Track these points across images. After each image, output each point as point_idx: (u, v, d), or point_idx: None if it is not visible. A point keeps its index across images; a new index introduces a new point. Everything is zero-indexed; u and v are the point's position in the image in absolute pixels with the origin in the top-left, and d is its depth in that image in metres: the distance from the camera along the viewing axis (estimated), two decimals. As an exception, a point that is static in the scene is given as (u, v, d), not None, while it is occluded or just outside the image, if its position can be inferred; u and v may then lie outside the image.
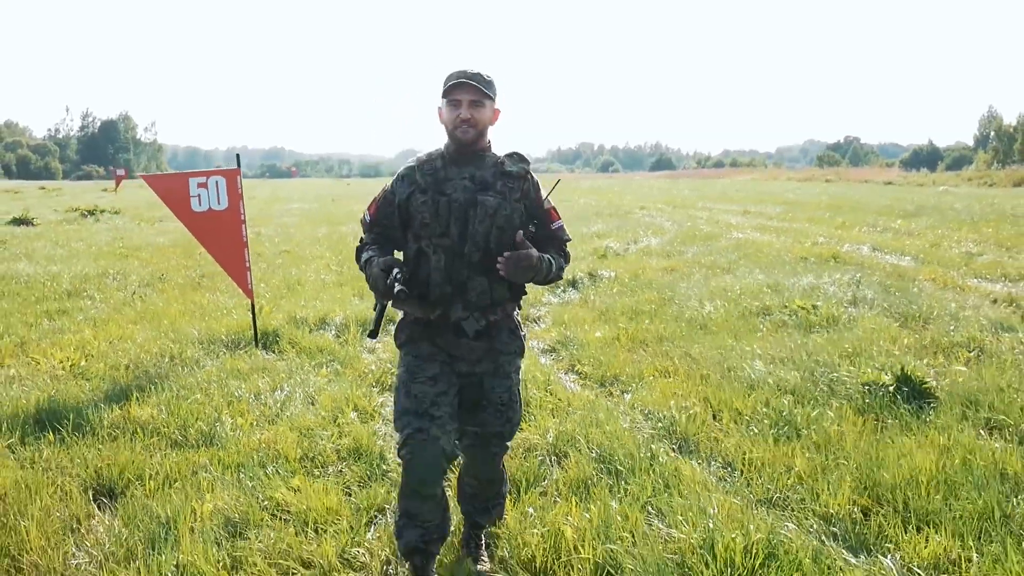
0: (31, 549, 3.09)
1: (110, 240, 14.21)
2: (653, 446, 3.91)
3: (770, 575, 2.70)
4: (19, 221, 17.90)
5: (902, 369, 4.53)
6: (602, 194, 32.17)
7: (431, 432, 2.63)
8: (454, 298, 2.70)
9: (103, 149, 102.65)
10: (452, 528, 3.00)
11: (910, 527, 3.04)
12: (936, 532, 2.96)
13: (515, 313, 2.86)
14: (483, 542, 3.06)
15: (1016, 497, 3.22)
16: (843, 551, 2.91)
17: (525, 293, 2.86)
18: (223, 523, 3.27)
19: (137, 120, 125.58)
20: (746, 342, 5.87)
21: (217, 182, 5.96)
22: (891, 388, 4.41)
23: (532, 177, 2.78)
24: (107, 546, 3.12)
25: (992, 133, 71.57)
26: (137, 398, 4.78)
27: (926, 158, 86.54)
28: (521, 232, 2.62)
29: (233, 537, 3.18)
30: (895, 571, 2.74)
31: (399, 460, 2.73)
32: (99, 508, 3.50)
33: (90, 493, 3.62)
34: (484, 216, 2.66)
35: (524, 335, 2.90)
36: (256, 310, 6.45)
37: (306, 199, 30.79)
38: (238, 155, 6.22)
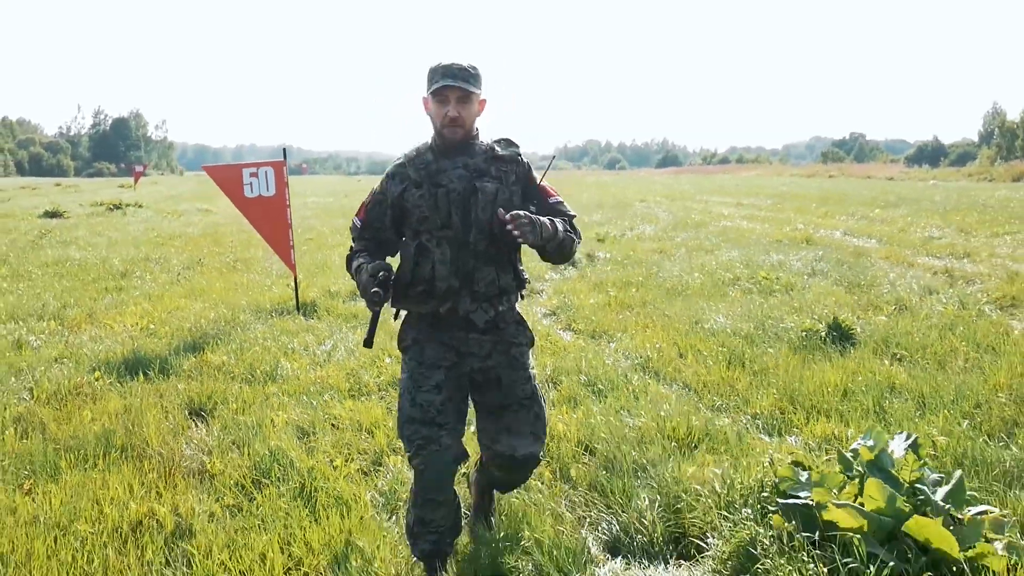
0: (153, 445, 4.13)
1: (143, 231, 15.18)
2: (629, 374, 4.94)
3: (703, 446, 3.73)
4: (51, 214, 18.69)
5: (834, 318, 5.55)
6: (605, 188, 33.17)
7: (442, 441, 2.61)
8: (462, 290, 2.67)
9: (114, 147, 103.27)
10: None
11: (812, 419, 4.07)
12: (828, 420, 4.00)
13: (517, 304, 2.86)
14: (493, 506, 3.17)
15: (895, 400, 4.26)
16: (760, 434, 3.95)
17: (528, 282, 2.86)
18: (295, 430, 4.30)
19: (148, 118, 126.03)
20: (715, 304, 6.90)
21: (266, 172, 7.00)
22: (823, 333, 5.43)
23: (523, 159, 2.78)
24: (211, 443, 4.16)
25: (996, 130, 71.62)
26: (209, 348, 5.83)
27: (930, 154, 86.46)
28: (501, 210, 2.57)
29: (306, 436, 4.22)
30: (795, 444, 3.77)
31: (411, 468, 2.73)
32: (196, 422, 4.54)
33: (185, 412, 4.66)
34: (486, 202, 2.63)
35: (529, 331, 2.92)
36: (296, 283, 7.50)
37: (320, 194, 31.73)
38: (284, 149, 7.27)
